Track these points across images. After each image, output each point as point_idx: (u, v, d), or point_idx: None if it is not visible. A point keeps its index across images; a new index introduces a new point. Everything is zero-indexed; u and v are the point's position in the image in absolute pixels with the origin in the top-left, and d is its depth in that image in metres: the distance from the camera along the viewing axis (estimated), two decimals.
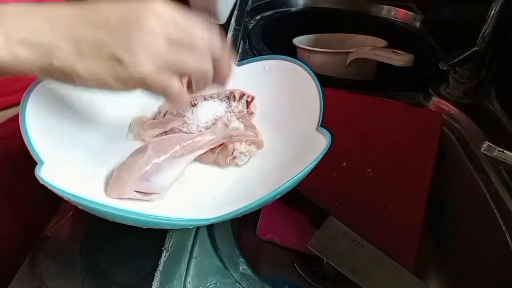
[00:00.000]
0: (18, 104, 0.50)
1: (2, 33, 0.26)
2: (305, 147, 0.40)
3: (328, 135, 0.37)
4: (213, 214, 0.31)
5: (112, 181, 0.37)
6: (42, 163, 0.32)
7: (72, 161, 0.37)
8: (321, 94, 0.42)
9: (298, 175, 0.32)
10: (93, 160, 0.39)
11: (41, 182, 0.29)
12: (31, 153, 0.32)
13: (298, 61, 0.45)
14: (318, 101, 0.42)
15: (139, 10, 0.29)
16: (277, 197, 0.32)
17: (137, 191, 0.37)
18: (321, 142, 0.37)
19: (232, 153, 0.43)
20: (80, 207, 0.30)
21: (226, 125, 0.44)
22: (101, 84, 0.29)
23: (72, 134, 0.39)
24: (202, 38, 0.31)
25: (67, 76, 0.28)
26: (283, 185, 0.31)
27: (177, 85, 0.31)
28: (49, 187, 0.29)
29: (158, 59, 0.29)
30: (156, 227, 0.32)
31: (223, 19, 0.60)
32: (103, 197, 0.37)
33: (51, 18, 0.28)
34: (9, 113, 0.50)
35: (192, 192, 0.41)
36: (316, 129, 0.39)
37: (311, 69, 0.44)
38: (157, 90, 0.30)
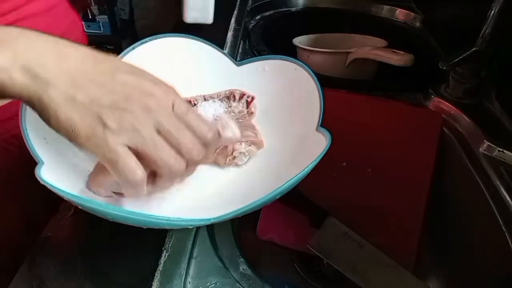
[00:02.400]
0: None
1: (10, 52, 0.26)
2: (305, 147, 0.40)
3: (328, 135, 0.37)
4: (213, 214, 0.31)
5: (91, 176, 0.35)
6: (42, 163, 0.32)
7: (72, 161, 0.37)
8: (321, 94, 0.42)
9: (298, 175, 0.32)
10: (93, 160, 0.39)
11: (41, 182, 0.29)
12: (31, 153, 0.32)
13: (298, 61, 0.45)
14: (318, 101, 0.42)
15: (146, 93, 0.29)
16: (277, 197, 0.32)
17: (114, 192, 0.36)
18: (321, 142, 0.37)
19: (232, 153, 0.43)
20: (80, 207, 0.30)
21: (219, 135, 0.41)
22: (71, 136, 0.28)
23: None
24: (190, 141, 0.31)
25: (46, 114, 0.28)
26: (283, 185, 0.31)
27: (141, 175, 0.30)
28: (49, 187, 0.29)
29: (139, 145, 0.29)
30: (156, 227, 0.31)
31: (212, 19, 0.63)
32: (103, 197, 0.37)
33: (64, 57, 0.28)
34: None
35: (192, 192, 0.41)
36: (316, 129, 0.39)
37: (311, 69, 0.44)
38: (119, 172, 0.29)
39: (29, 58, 0.27)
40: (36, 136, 0.34)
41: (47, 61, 0.27)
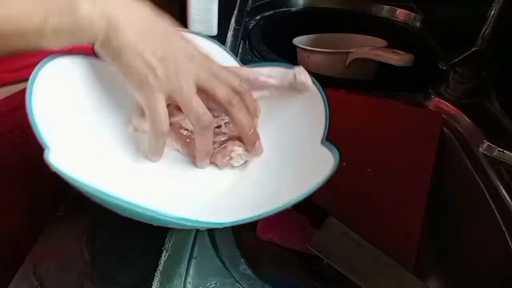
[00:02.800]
0: (23, 80, 0.50)
1: (91, 1, 0.31)
2: (311, 158, 0.40)
3: (336, 151, 0.37)
4: (217, 218, 0.31)
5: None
6: (50, 149, 0.30)
7: (80, 148, 0.35)
8: (326, 101, 0.42)
9: (312, 187, 0.33)
10: (99, 149, 0.38)
11: (51, 168, 0.27)
12: (38, 138, 0.30)
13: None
14: (323, 111, 0.42)
15: (189, 54, 0.36)
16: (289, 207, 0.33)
17: None
18: (327, 154, 0.37)
19: (230, 154, 0.43)
20: (87, 196, 0.28)
21: (295, 78, 0.44)
22: (128, 80, 0.34)
23: (79, 120, 0.37)
24: (224, 91, 0.37)
25: (113, 55, 0.33)
26: (295, 198, 0.33)
27: (165, 129, 0.36)
28: (60, 174, 0.27)
29: (176, 94, 0.35)
30: (165, 225, 0.31)
31: (216, 31, 0.72)
32: (111, 188, 0.35)
33: (132, 12, 0.34)
34: (14, 88, 0.49)
35: (200, 194, 0.40)
36: (322, 142, 0.40)
37: (316, 81, 0.44)
38: (151, 119, 0.35)
39: (104, 7, 0.32)
40: (44, 122, 0.31)
41: (119, 11, 0.33)
